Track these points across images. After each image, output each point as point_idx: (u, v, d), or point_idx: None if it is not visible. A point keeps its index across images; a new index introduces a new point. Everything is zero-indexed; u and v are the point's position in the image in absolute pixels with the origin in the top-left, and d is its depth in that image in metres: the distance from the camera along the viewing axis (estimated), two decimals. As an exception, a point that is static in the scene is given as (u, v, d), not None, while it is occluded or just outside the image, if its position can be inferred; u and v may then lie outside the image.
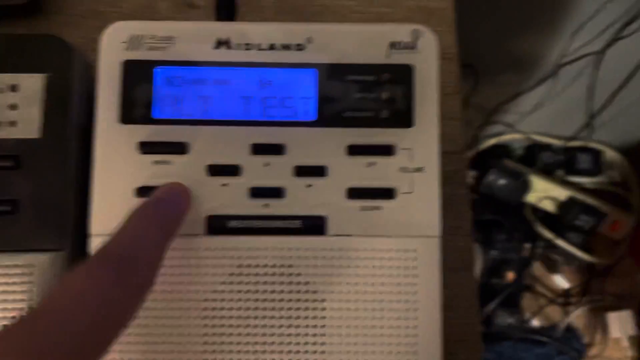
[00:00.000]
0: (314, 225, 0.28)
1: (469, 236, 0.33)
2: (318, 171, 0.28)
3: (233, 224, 0.28)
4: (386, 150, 0.28)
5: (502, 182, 1.11)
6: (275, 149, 0.28)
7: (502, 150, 1.18)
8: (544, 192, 1.16)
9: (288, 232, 0.28)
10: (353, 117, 0.29)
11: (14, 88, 0.28)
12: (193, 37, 0.29)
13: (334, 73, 0.29)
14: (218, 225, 0.28)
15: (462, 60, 0.37)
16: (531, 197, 1.15)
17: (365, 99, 0.29)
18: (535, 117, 1.10)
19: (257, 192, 0.28)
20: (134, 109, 0.28)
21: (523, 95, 1.02)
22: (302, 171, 0.28)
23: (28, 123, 0.28)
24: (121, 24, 0.29)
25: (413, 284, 0.28)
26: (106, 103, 0.28)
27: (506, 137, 1.16)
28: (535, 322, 1.22)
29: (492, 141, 1.16)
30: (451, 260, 0.33)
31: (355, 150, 0.28)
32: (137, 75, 0.29)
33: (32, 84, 0.29)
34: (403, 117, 0.29)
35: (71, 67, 0.29)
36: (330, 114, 0.29)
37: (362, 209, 0.28)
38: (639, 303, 1.24)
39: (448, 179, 0.33)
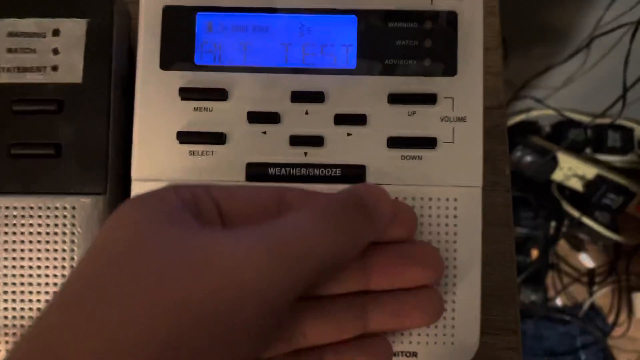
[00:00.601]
0: (353, 174, 0.28)
1: (507, 192, 0.32)
2: (358, 120, 0.28)
3: (272, 171, 0.28)
4: (428, 98, 0.28)
5: (529, 159, 1.10)
6: (315, 97, 0.28)
7: (529, 127, 1.16)
8: (571, 170, 1.14)
9: (327, 180, 0.28)
10: (394, 64, 0.28)
11: (56, 33, 0.29)
12: (233, -17, 0.29)
13: (375, 20, 0.28)
14: (258, 173, 0.28)
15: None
16: (558, 175, 1.14)
17: (407, 46, 0.28)
18: (565, 92, 1.07)
19: (297, 140, 0.28)
20: (175, 56, 0.28)
21: (553, 70, 1.00)
22: (342, 119, 0.28)
23: (70, 68, 0.28)
24: (162, -31, 0.29)
25: (453, 233, 0.28)
26: (147, 49, 0.28)
27: (534, 113, 1.14)
28: (559, 301, 1.21)
29: (520, 117, 1.14)
30: (489, 215, 0.32)
31: (396, 98, 0.28)
32: (177, 21, 0.29)
33: (74, 29, 0.29)
34: (446, 66, 0.28)
35: (113, 13, 0.29)
36: (370, 62, 0.28)
37: (402, 158, 0.28)
38: (665, 284, 1.22)
39: (487, 134, 0.33)
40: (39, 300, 0.28)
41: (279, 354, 0.24)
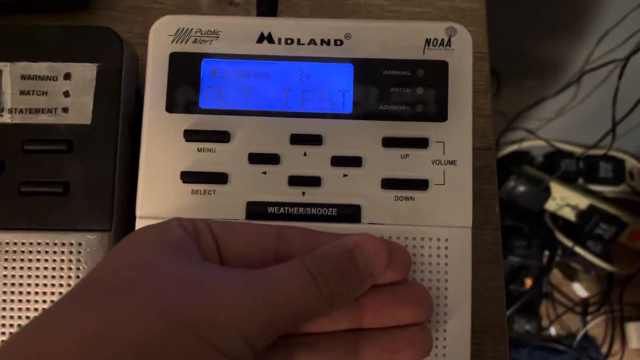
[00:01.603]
0: (349, 214, 0.29)
1: (497, 230, 0.34)
2: (354, 161, 0.29)
3: (272, 210, 0.29)
4: (420, 142, 0.29)
5: (522, 188, 1.12)
6: (313, 140, 0.30)
7: (522, 157, 1.18)
8: (564, 200, 1.16)
9: (324, 219, 0.29)
10: (388, 110, 0.30)
11: (67, 76, 0.30)
12: (237, 32, 0.30)
13: (371, 68, 0.30)
14: (257, 211, 0.29)
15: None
16: (551, 205, 1.15)
17: (401, 93, 0.30)
18: (557, 124, 1.09)
19: (295, 181, 0.29)
20: (180, 99, 0.30)
21: (545, 102, 1.03)
22: (339, 161, 0.30)
23: (80, 109, 0.30)
24: (169, 17, 0.30)
25: (444, 271, 0.29)
26: (154, 93, 0.30)
27: (527, 144, 1.16)
28: (553, 330, 1.21)
29: (513, 147, 1.16)
30: (480, 253, 0.34)
31: (390, 142, 0.30)
32: (183, 66, 0.30)
33: (85, 72, 0.30)
34: (437, 112, 0.30)
35: (122, 58, 0.31)
36: (366, 107, 0.30)
37: (395, 199, 0.29)
38: (658, 314, 1.23)
39: (477, 174, 0.34)
40: (43, 333, 0.28)
41: None
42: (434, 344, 0.28)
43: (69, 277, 0.29)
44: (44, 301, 0.29)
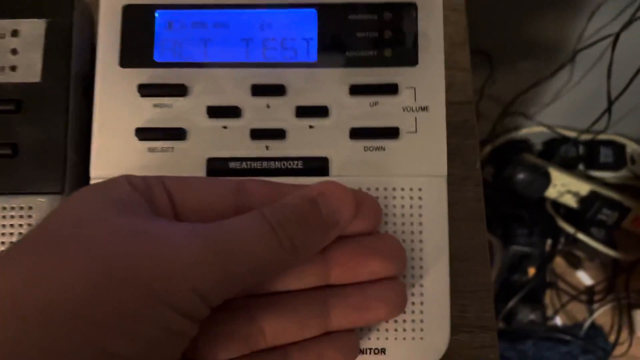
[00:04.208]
0: (316, 167, 0.28)
1: (478, 186, 0.32)
2: (320, 112, 0.28)
3: (233, 165, 0.28)
4: (389, 89, 0.28)
5: (521, 176, 1.10)
6: (276, 90, 0.28)
7: (520, 145, 1.17)
8: (565, 187, 1.14)
9: (290, 173, 0.27)
10: (355, 56, 0.28)
11: (15, 33, 0.29)
12: (193, -19, 0.29)
13: (335, 13, 0.28)
14: (219, 167, 0.28)
15: (475, 45, 0.36)
16: (552, 192, 1.14)
17: (368, 38, 0.28)
18: (554, 108, 1.08)
19: (258, 134, 0.28)
20: (135, 53, 0.28)
21: (540, 85, 1.01)
22: (304, 112, 0.28)
23: (29, 67, 0.28)
24: (121, -32, 0.29)
25: (419, 223, 0.27)
26: (107, 47, 0.28)
27: (525, 131, 1.14)
28: (559, 320, 1.19)
29: (511, 135, 1.15)
30: (461, 211, 0.32)
31: (357, 89, 0.28)
32: (137, 19, 0.28)
33: (33, 29, 0.29)
34: (407, 56, 0.28)
35: (72, 12, 0.29)
36: (331, 55, 0.28)
37: (365, 149, 0.28)
38: (666, 300, 1.21)
39: (457, 129, 0.33)
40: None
41: (236, 355, 0.23)
42: (409, 300, 0.26)
43: (20, 243, 0.27)
44: (-6, 269, 0.27)
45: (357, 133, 0.28)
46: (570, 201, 1.15)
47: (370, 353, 0.26)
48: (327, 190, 0.24)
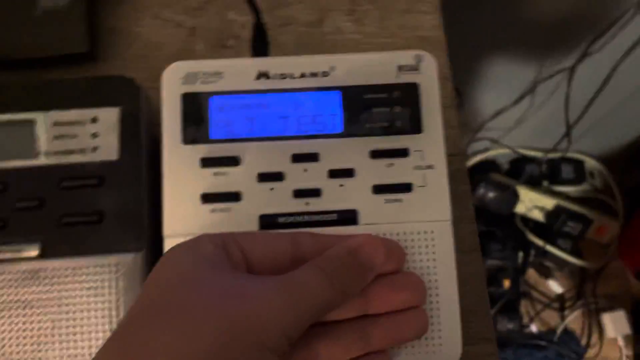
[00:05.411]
0: (347, 217, 0.34)
1: (473, 222, 0.39)
2: (348, 173, 0.35)
3: (282, 220, 0.34)
4: (402, 152, 0.35)
5: (491, 195, 1.17)
6: (311, 157, 0.35)
7: (489, 166, 1.23)
8: (532, 202, 1.21)
9: (327, 224, 0.34)
10: (373, 127, 0.35)
11: (94, 120, 0.35)
12: (238, 71, 0.35)
13: (355, 93, 0.35)
14: (270, 222, 0.34)
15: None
16: (520, 208, 1.20)
17: (381, 112, 0.35)
18: (518, 132, 1.16)
19: (299, 193, 0.34)
20: (194, 132, 0.35)
21: (505, 112, 1.09)
22: (335, 173, 0.35)
23: (108, 148, 0.34)
24: (178, 63, 0.35)
25: (433, 259, 0.34)
26: (171, 128, 0.35)
27: (492, 152, 1.21)
28: (534, 327, 1.25)
29: (480, 157, 1.22)
30: (460, 244, 0.39)
31: (376, 154, 0.35)
32: (194, 104, 0.35)
33: (109, 116, 0.35)
34: (413, 125, 0.35)
35: (139, 101, 0.35)
36: (354, 126, 0.35)
37: (385, 202, 0.34)
38: (630, 303, 1.29)
39: (452, 177, 0.40)
40: (90, 347, 0.32)
41: None
42: (429, 323, 0.33)
43: (110, 293, 0.33)
44: (88, 317, 0.33)
45: (379, 189, 0.35)
46: (538, 216, 1.22)
47: (400, 365, 0.33)
48: (364, 241, 0.30)
